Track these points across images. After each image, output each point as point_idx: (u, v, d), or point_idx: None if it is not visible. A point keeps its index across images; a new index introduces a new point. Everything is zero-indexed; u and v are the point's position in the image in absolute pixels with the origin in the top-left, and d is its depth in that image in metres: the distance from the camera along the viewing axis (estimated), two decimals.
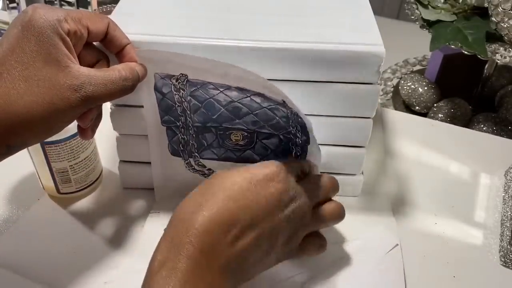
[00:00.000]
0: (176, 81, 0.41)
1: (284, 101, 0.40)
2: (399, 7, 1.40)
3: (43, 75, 0.32)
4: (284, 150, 0.45)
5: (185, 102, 0.43)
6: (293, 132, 0.43)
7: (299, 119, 0.40)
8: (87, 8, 0.71)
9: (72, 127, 0.45)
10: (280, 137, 0.44)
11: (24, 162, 0.49)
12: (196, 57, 0.40)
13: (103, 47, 0.39)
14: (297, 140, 0.43)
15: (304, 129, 0.41)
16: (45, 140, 0.44)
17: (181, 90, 0.42)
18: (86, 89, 0.33)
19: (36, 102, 0.32)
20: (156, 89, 0.42)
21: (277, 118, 0.42)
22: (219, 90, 0.41)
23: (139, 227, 0.47)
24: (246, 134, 0.44)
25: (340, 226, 0.48)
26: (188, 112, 0.43)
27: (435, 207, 0.51)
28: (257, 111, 0.42)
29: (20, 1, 0.75)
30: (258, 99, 0.41)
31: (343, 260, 0.44)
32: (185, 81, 0.41)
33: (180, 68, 0.41)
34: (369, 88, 0.43)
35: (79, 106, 0.34)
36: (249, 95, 0.41)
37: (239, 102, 0.42)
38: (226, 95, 0.41)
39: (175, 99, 0.42)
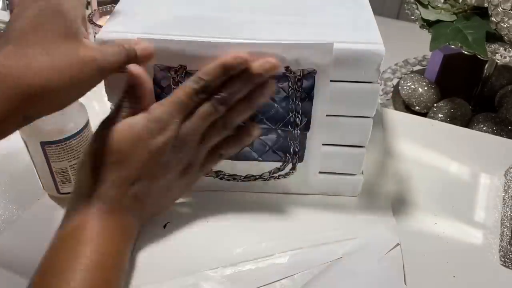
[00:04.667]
0: (175, 73, 0.41)
1: (287, 68, 0.40)
2: (399, 7, 1.40)
3: (64, 49, 0.34)
4: (282, 146, 0.46)
5: None
6: (291, 120, 0.43)
7: (304, 81, 0.41)
8: (87, 8, 0.71)
9: (72, 127, 0.45)
10: (278, 132, 0.44)
11: (24, 162, 0.49)
12: (197, 41, 0.40)
13: None
14: (295, 131, 0.44)
15: (310, 90, 0.42)
16: (45, 140, 0.44)
17: (179, 84, 0.42)
18: (101, 60, 0.36)
19: (56, 75, 0.33)
20: (155, 82, 0.42)
21: (276, 105, 0.43)
22: None
23: None
24: None
25: (340, 226, 0.48)
26: None
27: (435, 207, 0.51)
28: None
29: None
30: None
31: (343, 259, 0.44)
32: (183, 73, 0.41)
33: (179, 59, 0.41)
34: (369, 87, 0.43)
35: (95, 77, 0.36)
36: None
37: None
38: None
39: None
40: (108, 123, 0.39)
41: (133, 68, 0.39)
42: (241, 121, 0.42)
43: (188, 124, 0.40)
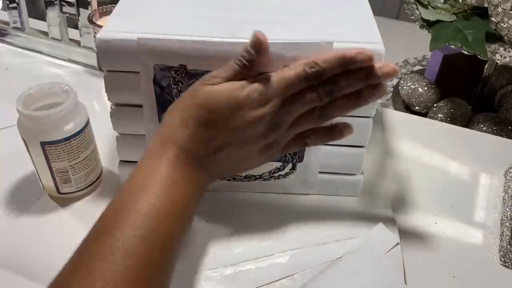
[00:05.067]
0: (175, 73, 0.41)
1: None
2: (399, 7, 1.40)
3: None
4: None
5: None
6: None
7: None
8: (87, 8, 0.70)
9: (72, 127, 0.45)
10: None
11: (24, 162, 0.49)
12: (197, 41, 0.40)
13: None
14: None
15: None
16: (45, 140, 0.44)
17: (179, 83, 0.42)
18: None
19: None
20: (155, 81, 0.42)
21: None
22: None
23: None
24: None
25: (340, 226, 0.48)
26: None
27: (435, 207, 0.51)
28: None
29: (20, 1, 0.75)
30: None
31: (343, 259, 0.44)
32: (183, 73, 0.41)
33: (180, 59, 0.41)
34: None
35: None
36: None
37: None
38: None
39: (173, 94, 0.43)
40: (212, 80, 0.38)
41: (260, 34, 0.37)
42: (339, 116, 0.41)
43: (289, 105, 0.39)
